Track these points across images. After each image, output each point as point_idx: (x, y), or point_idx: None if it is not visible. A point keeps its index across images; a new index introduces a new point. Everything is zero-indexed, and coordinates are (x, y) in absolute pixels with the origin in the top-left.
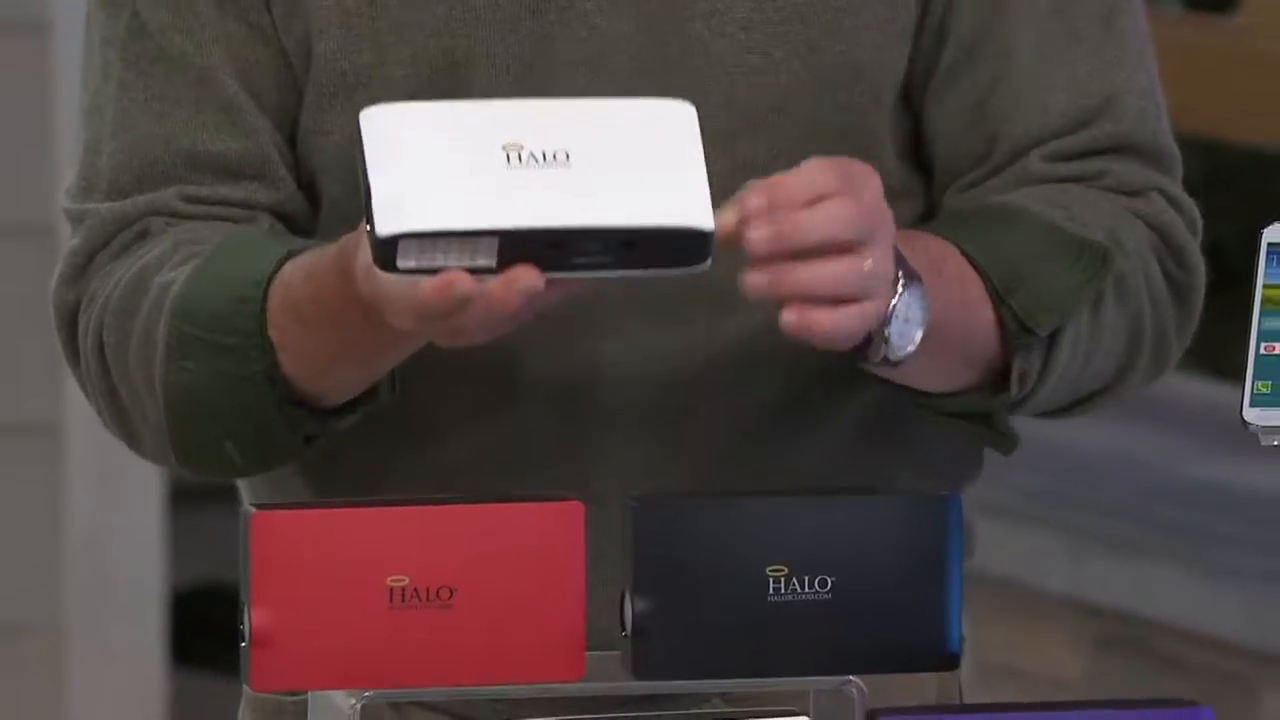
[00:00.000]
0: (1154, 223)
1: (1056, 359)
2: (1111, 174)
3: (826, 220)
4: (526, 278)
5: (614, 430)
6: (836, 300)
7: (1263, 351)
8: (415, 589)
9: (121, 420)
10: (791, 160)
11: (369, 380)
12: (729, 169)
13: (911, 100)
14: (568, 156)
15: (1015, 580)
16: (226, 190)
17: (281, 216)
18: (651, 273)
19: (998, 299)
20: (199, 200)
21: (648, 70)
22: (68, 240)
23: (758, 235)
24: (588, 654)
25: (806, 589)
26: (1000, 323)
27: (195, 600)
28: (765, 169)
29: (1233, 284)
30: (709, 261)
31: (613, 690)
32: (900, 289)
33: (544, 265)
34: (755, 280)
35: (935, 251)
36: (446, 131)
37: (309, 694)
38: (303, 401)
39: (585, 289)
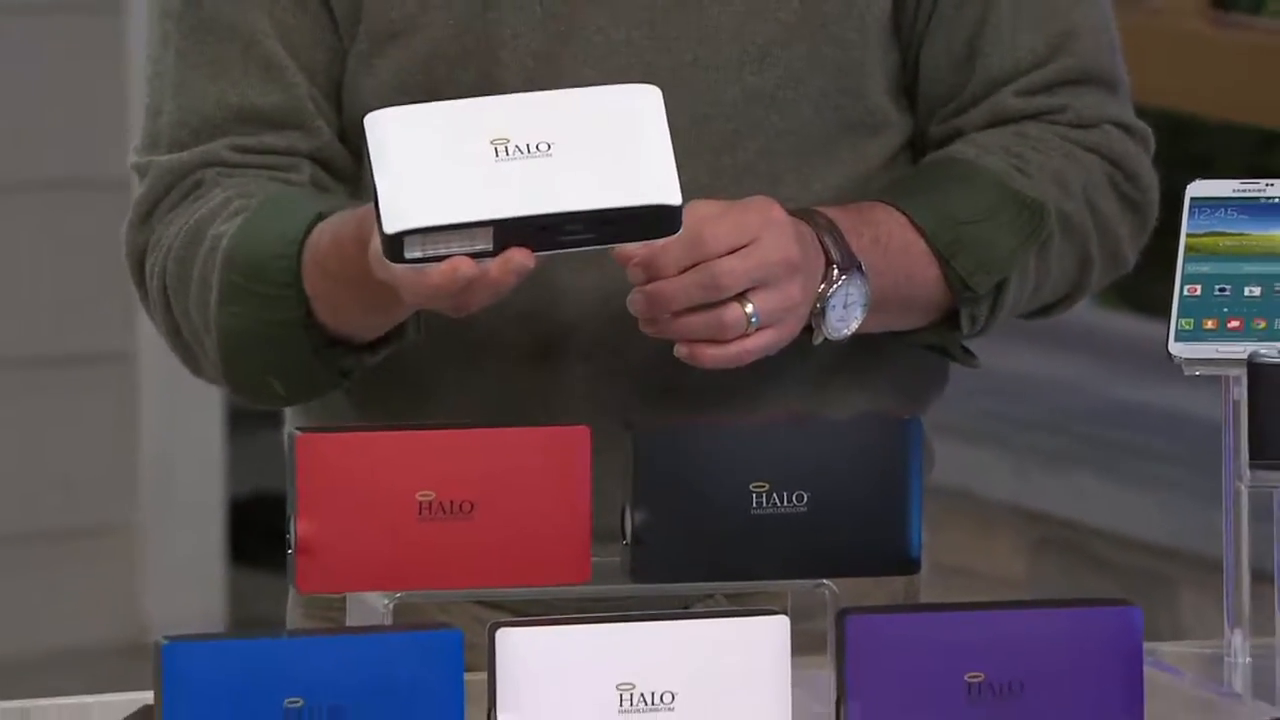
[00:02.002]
0: (1109, 154)
1: (1004, 301)
2: (1072, 109)
3: (689, 287)
4: (520, 258)
5: (568, 355)
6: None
7: (1186, 293)
8: (440, 503)
9: (184, 351)
10: (794, 87)
11: (393, 324)
12: (738, 96)
13: (901, 37)
14: (549, 146)
15: (965, 491)
16: (271, 139)
17: (321, 163)
18: (631, 243)
19: (942, 260)
20: (246, 150)
21: (665, 10)
22: (135, 190)
23: (631, 300)
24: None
25: (785, 503)
26: (946, 278)
27: (251, 507)
28: (770, 97)
29: (1155, 231)
30: (679, 229)
31: (614, 591)
32: (837, 280)
33: (535, 246)
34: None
35: (883, 228)
36: (441, 131)
37: (347, 594)
38: (336, 342)
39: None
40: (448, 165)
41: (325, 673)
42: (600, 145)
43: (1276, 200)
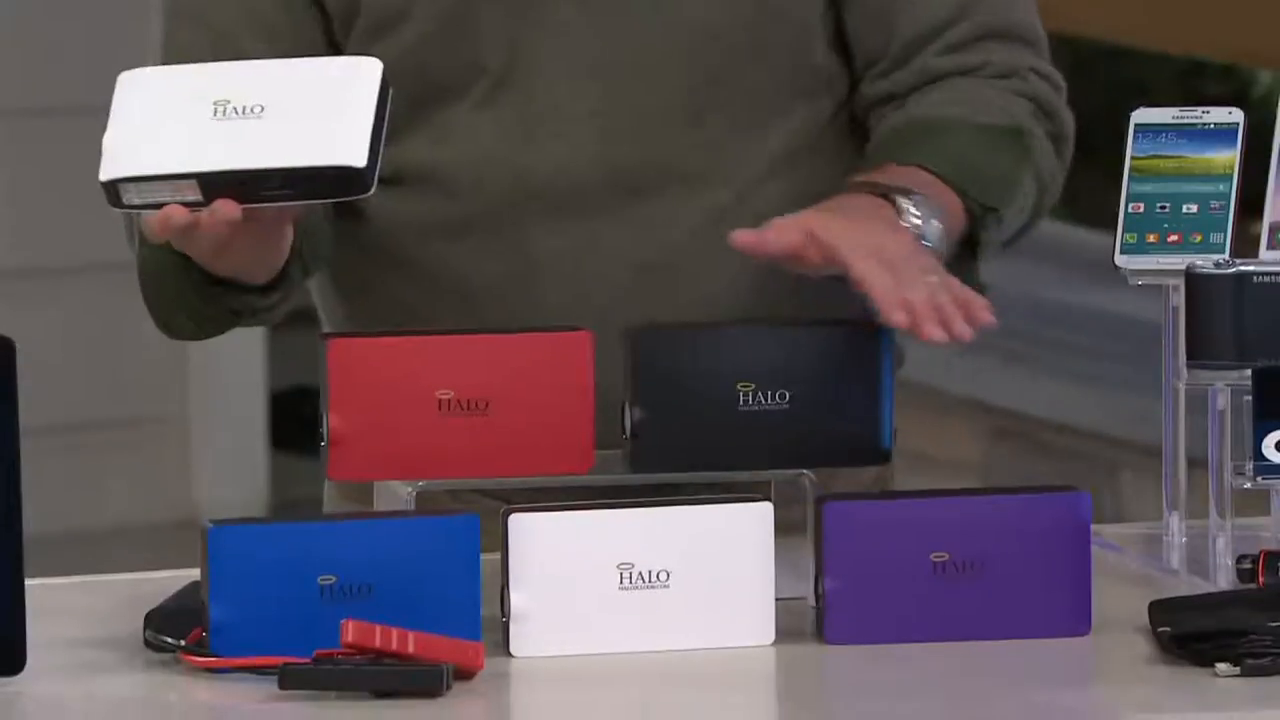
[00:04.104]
0: (1031, 96)
1: (1005, 226)
2: (991, 63)
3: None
4: (225, 209)
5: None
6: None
7: (1130, 210)
8: (458, 400)
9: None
10: (749, 58)
11: (261, 267)
12: (700, 76)
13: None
14: (262, 109)
15: (928, 386)
16: None
17: None
18: (327, 200)
19: (960, 193)
20: None
21: None
22: None
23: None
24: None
25: (769, 400)
26: (967, 209)
27: (290, 399)
28: (728, 69)
29: (1096, 153)
30: (371, 190)
31: (615, 480)
32: (904, 209)
33: (240, 198)
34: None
35: (906, 175)
36: (175, 91)
37: (374, 483)
38: (220, 282)
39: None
40: (168, 122)
41: (355, 553)
42: (308, 110)
43: (1212, 126)
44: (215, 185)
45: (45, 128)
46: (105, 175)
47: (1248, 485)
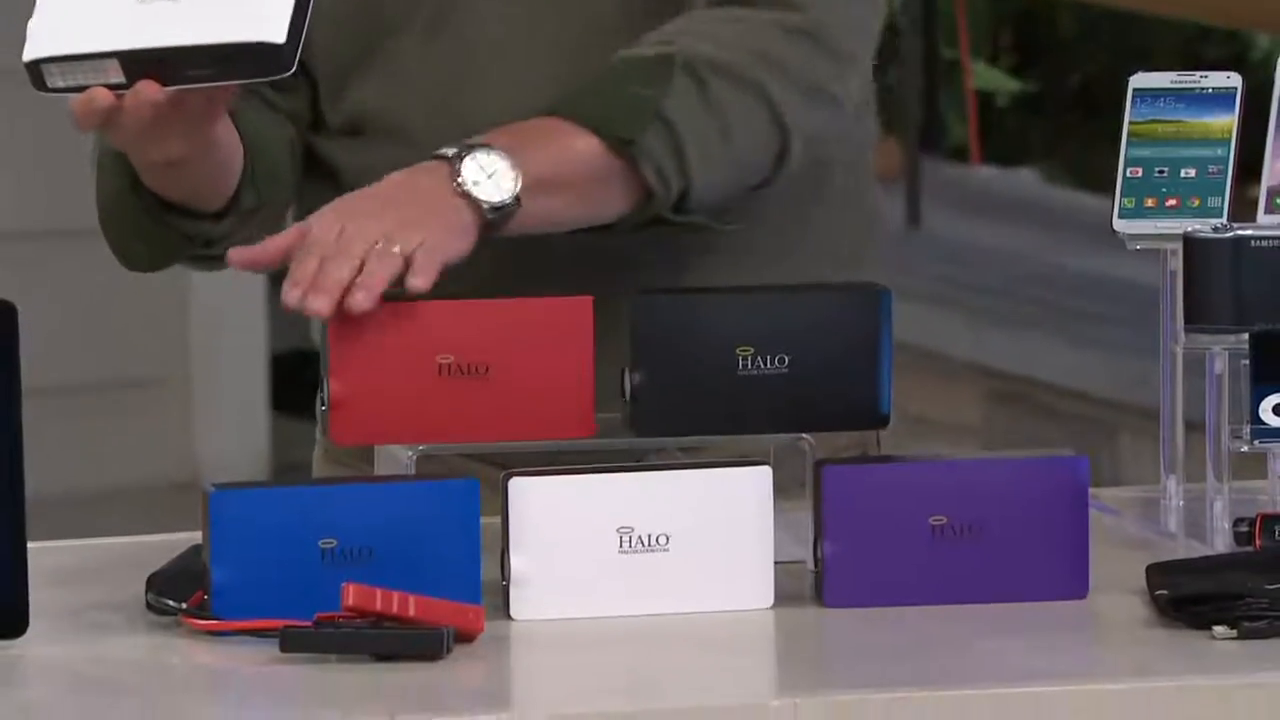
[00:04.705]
0: (768, 5)
1: (686, 146)
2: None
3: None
4: (148, 91)
5: None
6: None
7: (1128, 175)
8: (459, 365)
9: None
10: None
11: (210, 186)
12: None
13: None
14: None
15: (928, 349)
16: None
17: None
18: (250, 80)
19: (595, 131)
20: None
21: None
22: None
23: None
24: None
25: (768, 365)
26: (611, 146)
27: (290, 361)
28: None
29: (1099, 116)
30: (291, 70)
31: (616, 445)
32: (456, 160)
33: (162, 79)
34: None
35: (515, 126)
36: None
37: (375, 447)
38: (172, 208)
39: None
40: (92, 5)
41: (356, 517)
42: None
43: (1210, 91)
44: (137, 65)
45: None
46: (28, 56)
47: (1245, 449)
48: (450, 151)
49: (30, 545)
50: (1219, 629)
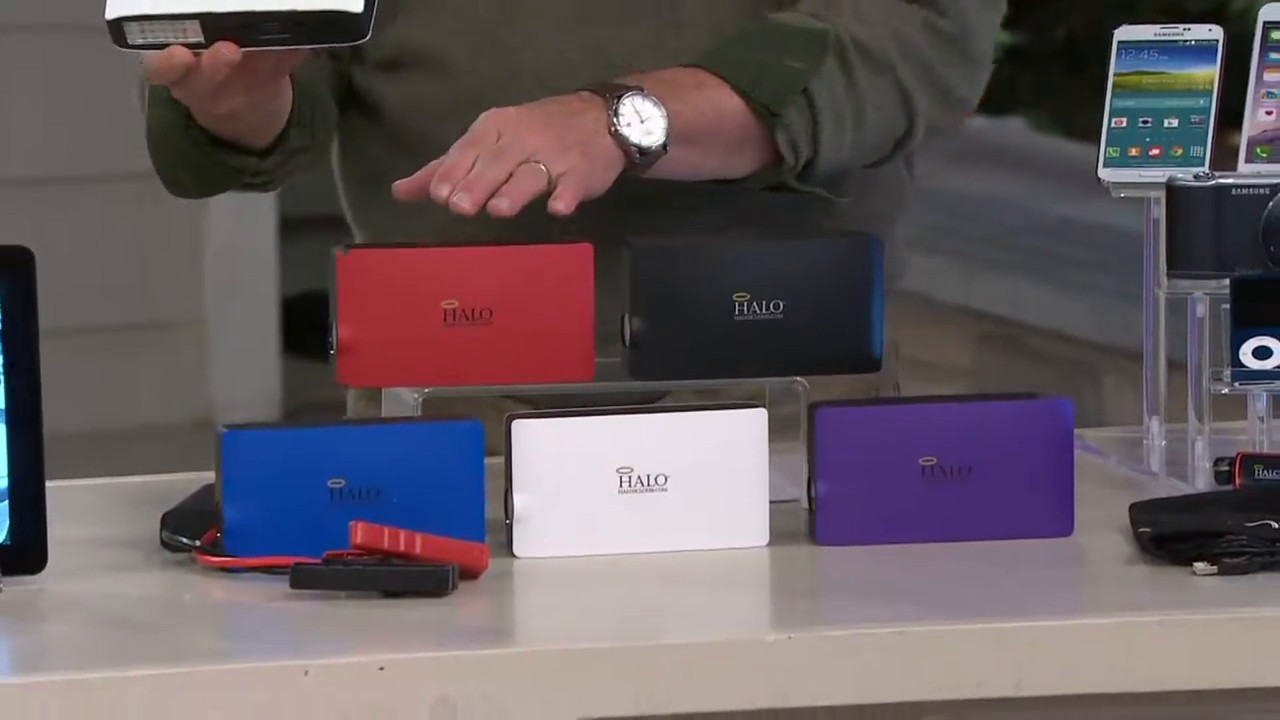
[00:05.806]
0: (901, 35)
1: (822, 123)
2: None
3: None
4: (226, 51)
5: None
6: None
7: (1113, 125)
8: (463, 310)
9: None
10: None
11: (258, 126)
12: None
13: None
14: None
15: (921, 294)
16: None
17: None
18: (325, 45)
19: (742, 94)
20: None
21: None
22: None
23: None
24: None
25: (764, 310)
26: (755, 111)
27: (302, 304)
28: None
29: (1083, 66)
30: (368, 35)
31: (615, 389)
32: (614, 102)
33: (240, 41)
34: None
35: (669, 74)
36: None
37: (383, 389)
38: (220, 143)
39: None
40: None
41: (363, 457)
42: None
43: (1193, 43)
44: (216, 27)
45: (64, 41)
46: (111, 14)
47: (1225, 391)
48: (605, 89)
49: (49, 484)
50: (1200, 565)
